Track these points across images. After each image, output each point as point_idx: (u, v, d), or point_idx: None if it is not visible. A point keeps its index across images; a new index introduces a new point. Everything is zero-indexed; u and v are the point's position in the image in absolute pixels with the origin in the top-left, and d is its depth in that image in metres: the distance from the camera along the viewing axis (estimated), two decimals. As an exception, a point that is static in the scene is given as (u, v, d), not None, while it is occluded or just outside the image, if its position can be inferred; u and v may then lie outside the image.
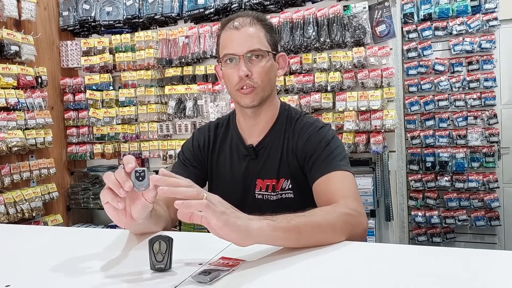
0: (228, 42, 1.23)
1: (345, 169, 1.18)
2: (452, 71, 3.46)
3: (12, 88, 2.88)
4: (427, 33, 3.46)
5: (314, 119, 1.34)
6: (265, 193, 1.29)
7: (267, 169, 1.30)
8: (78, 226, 3.43)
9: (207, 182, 1.41)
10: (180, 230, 2.84)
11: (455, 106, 3.46)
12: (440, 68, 3.46)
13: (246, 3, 2.95)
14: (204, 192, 0.81)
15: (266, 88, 1.25)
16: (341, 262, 0.86)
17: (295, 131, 1.30)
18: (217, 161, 1.37)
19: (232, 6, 3.01)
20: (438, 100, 3.47)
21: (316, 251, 0.90)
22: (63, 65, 3.51)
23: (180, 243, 0.87)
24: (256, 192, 1.30)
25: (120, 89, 3.42)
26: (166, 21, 3.29)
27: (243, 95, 1.23)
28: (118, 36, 3.36)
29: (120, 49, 3.36)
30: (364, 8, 2.79)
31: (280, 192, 1.28)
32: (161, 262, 0.82)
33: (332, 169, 1.17)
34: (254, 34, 1.22)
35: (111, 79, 3.43)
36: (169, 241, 0.83)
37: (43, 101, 3.12)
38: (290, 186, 1.28)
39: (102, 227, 3.35)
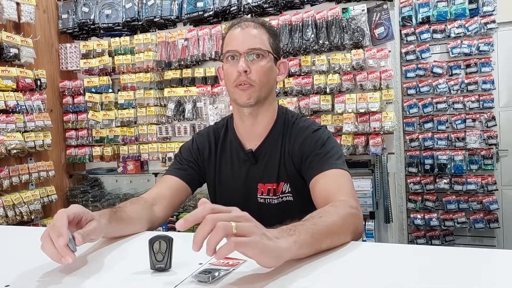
0: (231, 40, 1.26)
1: (341, 168, 1.19)
2: (450, 73, 3.46)
3: (11, 91, 2.88)
4: (425, 36, 3.46)
5: (310, 122, 1.35)
6: (267, 196, 1.30)
7: (267, 173, 1.31)
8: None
9: (203, 184, 1.41)
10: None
11: (453, 108, 3.46)
12: (439, 70, 3.46)
13: (245, 6, 2.96)
14: (229, 217, 0.73)
15: (263, 88, 1.26)
16: (341, 261, 0.86)
17: (292, 134, 1.31)
18: (219, 167, 1.37)
19: (231, 9, 3.02)
20: (437, 103, 3.47)
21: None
22: (62, 67, 3.51)
23: (180, 242, 0.87)
24: (258, 196, 1.31)
25: (119, 92, 3.42)
26: (165, 23, 3.29)
27: (240, 91, 1.24)
28: (117, 38, 3.36)
29: (119, 51, 3.37)
30: (363, 10, 2.81)
31: (280, 195, 1.29)
32: (161, 261, 0.83)
33: (329, 167, 1.18)
34: (257, 35, 1.26)
35: (110, 82, 3.44)
36: (169, 240, 0.83)
37: (42, 103, 3.12)
38: (289, 189, 1.29)
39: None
